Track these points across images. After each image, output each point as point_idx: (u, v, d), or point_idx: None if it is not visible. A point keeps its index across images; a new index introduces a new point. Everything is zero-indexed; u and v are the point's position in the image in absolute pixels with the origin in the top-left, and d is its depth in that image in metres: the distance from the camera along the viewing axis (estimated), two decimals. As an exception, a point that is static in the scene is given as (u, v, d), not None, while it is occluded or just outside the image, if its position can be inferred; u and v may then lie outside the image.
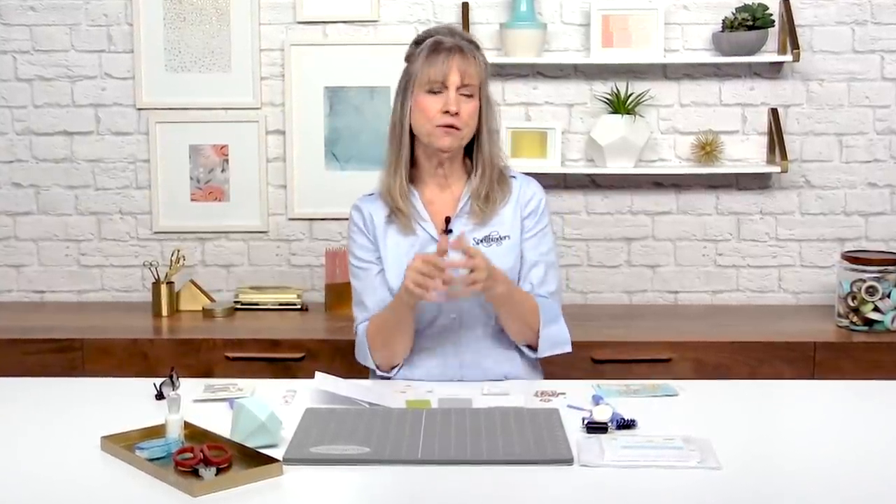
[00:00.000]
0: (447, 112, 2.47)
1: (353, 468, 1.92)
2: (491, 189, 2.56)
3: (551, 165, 3.70)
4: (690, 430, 2.10)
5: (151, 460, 1.92)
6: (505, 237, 2.57)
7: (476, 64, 2.50)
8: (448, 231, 2.55)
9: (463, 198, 2.58)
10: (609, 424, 2.12)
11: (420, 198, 2.59)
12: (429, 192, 2.60)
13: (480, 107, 2.53)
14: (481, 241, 2.55)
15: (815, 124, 3.77)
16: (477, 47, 2.55)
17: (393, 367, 2.58)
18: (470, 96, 2.50)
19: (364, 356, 2.59)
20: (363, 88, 3.77)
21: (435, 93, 2.48)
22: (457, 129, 2.48)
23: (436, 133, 2.49)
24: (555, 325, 2.56)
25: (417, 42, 2.56)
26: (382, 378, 2.58)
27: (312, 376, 2.41)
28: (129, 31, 3.78)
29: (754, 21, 3.60)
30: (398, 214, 2.56)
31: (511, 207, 2.60)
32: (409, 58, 2.56)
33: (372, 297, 2.58)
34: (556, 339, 2.57)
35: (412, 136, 2.55)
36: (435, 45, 2.49)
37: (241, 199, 3.84)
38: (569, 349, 2.60)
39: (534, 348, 2.58)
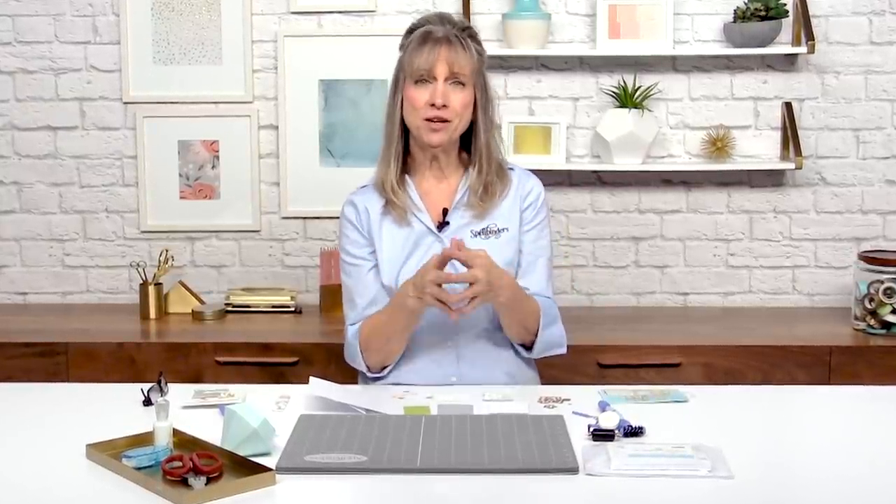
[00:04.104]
0: (434, 105, 2.47)
1: (350, 477, 1.91)
2: (490, 183, 2.57)
3: (555, 162, 3.69)
4: (701, 437, 2.08)
5: (139, 469, 1.90)
6: (503, 229, 2.58)
7: (467, 54, 2.51)
8: (445, 223, 2.56)
9: (460, 189, 2.59)
10: (616, 432, 2.10)
11: (416, 188, 2.59)
12: (425, 183, 2.61)
13: (476, 98, 2.54)
14: (479, 233, 2.57)
15: (831, 119, 3.74)
16: (471, 35, 2.56)
17: (384, 368, 2.57)
18: (461, 85, 2.50)
19: (353, 357, 2.58)
20: (359, 81, 3.74)
21: (423, 83, 2.49)
22: (445, 121, 2.49)
23: (423, 127, 2.50)
24: (553, 326, 2.57)
25: (410, 31, 2.58)
26: (373, 379, 2.58)
27: (306, 382, 2.39)
28: (115, 21, 3.75)
29: (767, 11, 3.58)
30: (393, 206, 2.57)
31: (510, 200, 2.61)
32: (401, 47, 2.59)
33: (363, 295, 2.58)
34: (551, 340, 2.58)
35: (405, 127, 2.56)
36: (424, 34, 2.52)
37: (233, 197, 3.81)
38: (563, 350, 2.61)
39: (528, 348, 2.58)
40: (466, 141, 2.59)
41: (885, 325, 3.37)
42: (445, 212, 2.56)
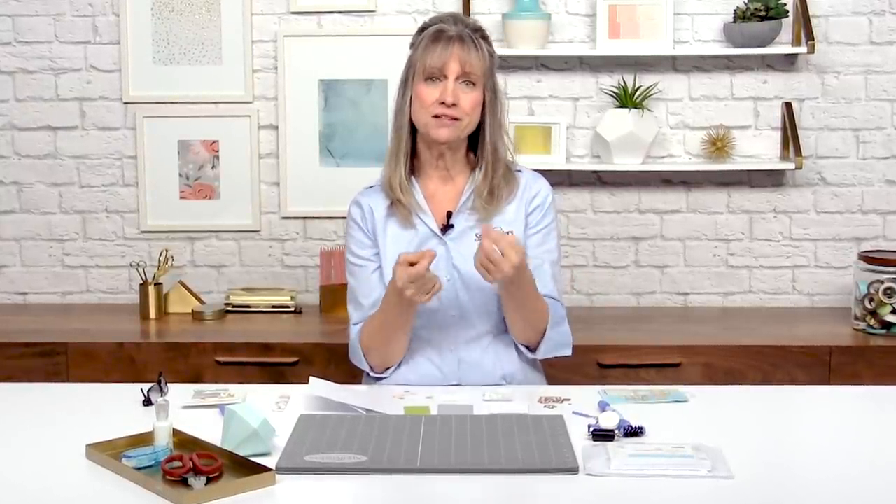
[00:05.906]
0: (443, 103, 2.44)
1: (350, 477, 1.90)
2: (495, 186, 2.54)
3: (555, 162, 3.67)
4: (701, 437, 2.07)
5: (139, 469, 1.90)
6: (508, 233, 2.53)
7: (479, 54, 2.49)
8: (449, 226, 2.54)
9: (466, 192, 2.56)
10: (616, 432, 2.10)
11: (421, 190, 2.57)
12: (431, 185, 2.58)
13: (485, 99, 2.51)
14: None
15: (831, 119, 3.73)
16: (483, 37, 2.54)
17: (387, 368, 2.55)
18: (472, 85, 2.48)
19: (357, 358, 2.57)
20: (359, 81, 3.73)
21: (434, 81, 2.47)
22: (455, 119, 2.46)
23: (432, 123, 2.47)
24: (559, 327, 2.54)
25: (421, 29, 2.55)
26: (377, 379, 2.56)
27: (306, 382, 2.38)
28: (115, 21, 3.74)
29: (767, 11, 3.57)
30: (398, 206, 2.54)
31: (515, 203, 2.58)
32: (412, 45, 2.55)
33: (368, 295, 2.56)
34: (558, 341, 2.55)
35: (413, 126, 2.53)
36: (437, 33, 2.49)
37: (233, 197, 3.80)
38: (569, 352, 2.59)
39: (532, 349, 2.56)
40: (474, 142, 2.57)
41: (885, 325, 3.36)
42: (450, 215, 2.53)
